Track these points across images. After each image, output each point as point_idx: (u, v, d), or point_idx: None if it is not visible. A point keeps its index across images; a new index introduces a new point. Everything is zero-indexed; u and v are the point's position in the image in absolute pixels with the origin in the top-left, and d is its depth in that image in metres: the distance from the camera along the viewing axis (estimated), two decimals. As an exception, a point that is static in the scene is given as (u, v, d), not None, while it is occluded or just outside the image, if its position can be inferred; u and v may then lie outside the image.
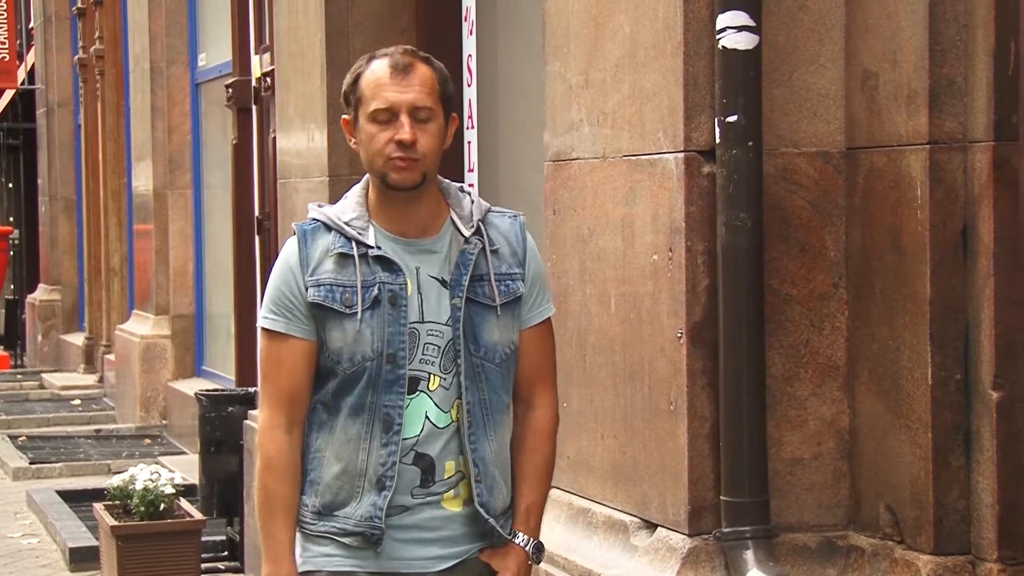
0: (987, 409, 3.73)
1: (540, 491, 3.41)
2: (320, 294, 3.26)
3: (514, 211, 3.41)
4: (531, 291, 3.36)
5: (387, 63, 3.26)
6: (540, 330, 3.39)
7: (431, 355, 3.27)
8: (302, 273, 3.28)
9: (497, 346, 3.31)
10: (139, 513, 7.35)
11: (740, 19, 3.95)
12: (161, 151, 12.16)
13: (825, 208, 4.08)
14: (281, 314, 3.29)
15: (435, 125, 3.26)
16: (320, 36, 6.68)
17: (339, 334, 3.25)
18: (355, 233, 3.28)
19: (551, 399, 3.42)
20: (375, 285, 3.25)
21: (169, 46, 12.08)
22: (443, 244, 3.30)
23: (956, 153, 3.77)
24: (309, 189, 6.90)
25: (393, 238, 3.29)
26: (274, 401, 3.31)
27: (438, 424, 3.28)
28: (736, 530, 3.99)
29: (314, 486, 3.31)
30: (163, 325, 12.23)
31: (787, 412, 4.09)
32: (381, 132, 3.24)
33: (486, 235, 3.32)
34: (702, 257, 4.04)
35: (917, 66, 3.80)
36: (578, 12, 4.58)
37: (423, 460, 3.28)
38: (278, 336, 3.30)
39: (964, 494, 3.79)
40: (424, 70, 3.27)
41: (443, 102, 3.28)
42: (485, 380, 3.30)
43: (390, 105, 3.23)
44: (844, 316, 4.08)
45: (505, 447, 3.35)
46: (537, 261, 3.40)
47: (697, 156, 4.05)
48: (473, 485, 3.29)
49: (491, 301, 3.30)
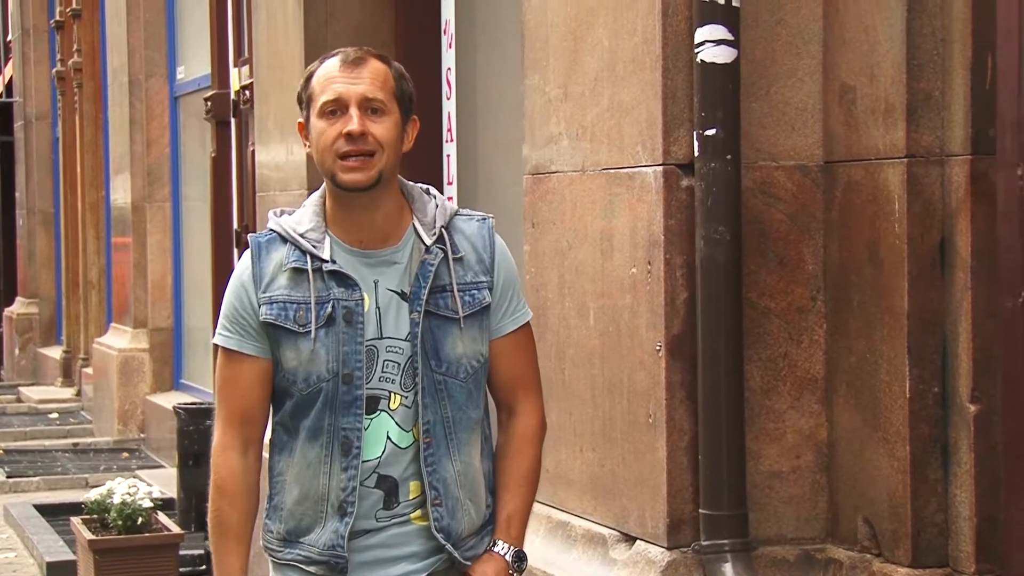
0: (965, 422, 3.74)
1: (522, 498, 3.24)
2: (272, 312, 3.11)
3: (483, 213, 3.24)
4: (503, 298, 3.19)
5: (338, 58, 3.12)
6: (516, 337, 3.22)
7: (391, 372, 3.11)
8: (255, 289, 3.13)
9: (461, 360, 3.13)
10: (117, 527, 7.33)
11: (718, 33, 3.96)
12: (139, 164, 12.14)
13: (803, 221, 4.09)
14: (235, 331, 3.15)
15: (390, 120, 3.08)
16: (299, 49, 6.68)
17: (293, 354, 3.10)
18: (309, 246, 3.11)
19: (534, 404, 3.27)
20: (329, 302, 3.09)
21: (148, 59, 12.07)
22: (404, 254, 3.13)
23: (933, 167, 3.79)
24: (288, 202, 6.89)
25: (350, 249, 3.12)
26: (227, 421, 3.17)
27: (400, 444, 3.13)
28: (715, 543, 3.99)
29: (278, 511, 3.20)
30: (141, 338, 12.20)
31: (765, 425, 4.09)
32: (330, 127, 3.08)
33: (449, 242, 3.14)
34: (681, 270, 4.04)
35: (895, 80, 3.81)
36: (557, 26, 4.59)
37: (386, 482, 3.13)
38: (231, 354, 3.16)
39: (942, 507, 3.80)
40: (377, 64, 3.10)
41: (399, 100, 3.11)
42: (448, 397, 3.13)
43: (338, 96, 3.07)
44: (822, 329, 4.09)
45: (473, 466, 3.18)
46: (507, 265, 3.21)
47: (676, 169, 4.05)
48: (430, 509, 3.13)
49: (454, 314, 3.12)
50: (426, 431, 3.12)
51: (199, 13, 10.64)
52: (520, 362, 3.24)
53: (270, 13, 7.11)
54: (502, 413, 3.27)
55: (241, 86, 8.99)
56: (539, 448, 3.28)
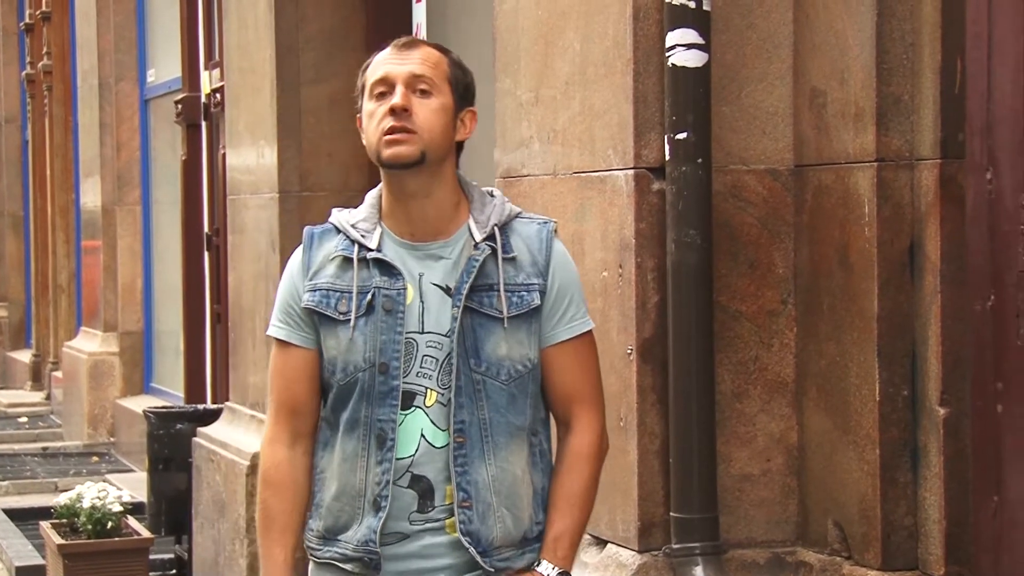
0: (934, 425, 3.75)
1: (572, 518, 3.09)
2: (314, 299, 3.07)
3: (546, 218, 3.16)
4: (557, 304, 3.07)
5: (392, 44, 3.07)
6: (573, 346, 3.09)
7: (428, 368, 3.04)
8: (303, 278, 3.10)
9: (503, 362, 3.03)
10: (86, 531, 7.30)
11: (689, 37, 3.96)
12: (109, 167, 12.11)
13: (774, 225, 4.10)
14: (284, 321, 3.12)
15: (437, 101, 3.01)
16: (270, 52, 6.67)
17: (334, 342, 3.05)
18: (358, 235, 3.06)
19: (592, 420, 3.12)
20: (371, 290, 3.03)
21: (118, 62, 12.03)
22: (454, 250, 3.05)
23: (903, 171, 3.80)
24: (259, 205, 6.88)
25: (400, 241, 3.06)
26: (276, 413, 3.13)
27: (435, 443, 3.04)
28: (685, 546, 3.99)
29: (318, 509, 3.12)
30: (111, 342, 12.16)
31: (736, 428, 4.10)
32: (379, 106, 3.01)
33: (501, 241, 3.05)
34: (652, 274, 4.05)
35: (864, 84, 3.83)
36: (528, 29, 4.59)
37: (420, 483, 3.04)
38: (281, 344, 3.13)
39: (911, 510, 3.81)
40: (430, 50, 3.06)
41: (453, 85, 3.05)
42: (486, 398, 3.03)
43: (386, 75, 3.01)
44: (792, 333, 4.10)
45: (512, 473, 3.05)
46: (565, 271, 3.11)
47: (647, 173, 4.06)
48: (457, 511, 3.02)
49: (498, 313, 3.02)
50: (459, 431, 3.03)
51: (169, 16, 10.62)
52: (576, 374, 3.11)
53: (241, 17, 7.10)
54: (560, 428, 3.15)
55: (212, 89, 8.98)
56: (595, 467, 3.13)
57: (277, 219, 6.65)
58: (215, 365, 9.36)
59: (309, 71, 6.69)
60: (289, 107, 6.66)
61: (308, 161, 6.68)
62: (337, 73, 6.70)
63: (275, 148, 6.65)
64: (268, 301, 6.67)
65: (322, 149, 6.72)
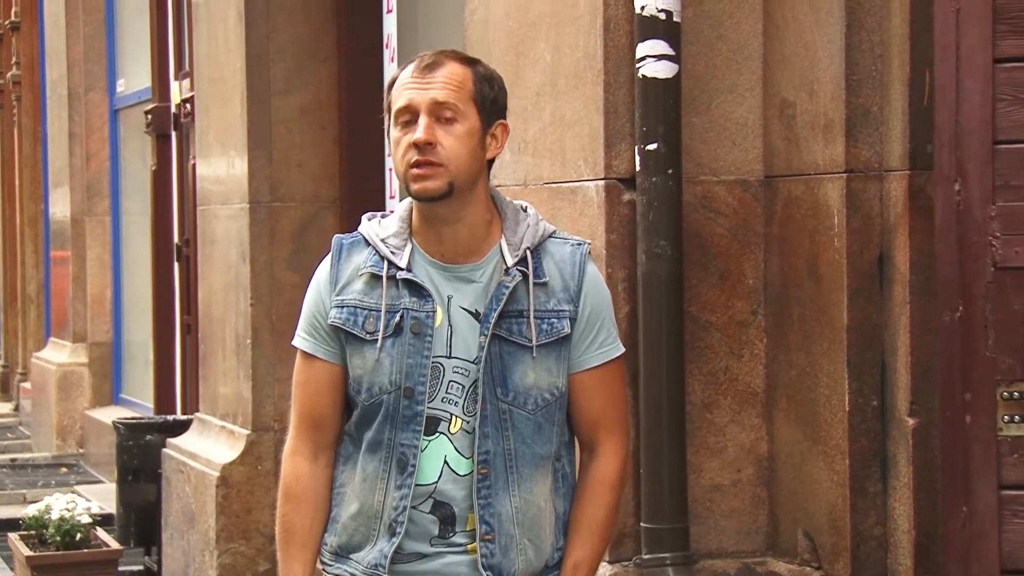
0: (903, 435, 3.77)
1: (592, 546, 3.04)
2: (341, 316, 2.98)
3: (580, 239, 3.07)
4: (588, 329, 3.00)
5: (415, 63, 2.95)
6: (602, 372, 3.02)
7: (455, 394, 2.95)
8: (330, 292, 3.01)
9: (531, 391, 2.96)
10: (55, 543, 7.27)
11: (659, 48, 3.98)
12: (79, 177, 12.06)
13: (744, 236, 4.11)
14: (310, 333, 3.03)
15: (463, 127, 2.91)
16: (240, 63, 6.66)
17: (359, 361, 2.97)
18: (388, 252, 2.97)
19: (616, 447, 3.05)
20: (399, 311, 2.95)
21: (87, 72, 11.99)
22: (484, 272, 2.97)
23: (872, 182, 3.82)
24: (229, 216, 6.87)
25: (431, 261, 2.97)
26: (298, 425, 3.05)
27: (458, 471, 2.96)
28: (656, 557, 4.00)
29: (334, 524, 3.05)
30: (80, 353, 12.11)
31: (707, 439, 4.11)
32: (403, 136, 2.92)
33: (533, 265, 2.97)
34: (623, 284, 4.06)
35: (834, 96, 3.84)
36: (499, 40, 4.60)
37: (442, 509, 2.97)
38: (306, 357, 3.04)
39: (881, 520, 3.82)
40: (454, 67, 2.93)
41: (479, 104, 2.94)
42: (512, 428, 2.96)
43: (409, 103, 2.91)
44: (763, 343, 4.11)
45: (536, 504, 2.99)
46: (597, 295, 3.02)
47: (617, 184, 4.07)
48: (479, 544, 2.95)
49: (527, 341, 2.94)
50: (483, 462, 2.95)
51: (139, 26, 10.59)
52: (604, 400, 3.04)
53: (211, 27, 7.09)
54: (583, 453, 3.08)
55: (182, 99, 8.96)
56: (618, 495, 3.08)
57: (247, 229, 6.64)
58: (185, 376, 9.33)
59: (279, 81, 6.68)
60: (259, 117, 6.64)
61: (278, 171, 6.66)
62: (308, 83, 6.69)
63: (245, 158, 6.63)
64: (238, 311, 6.65)
65: (292, 159, 6.70)
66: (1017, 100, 3.52)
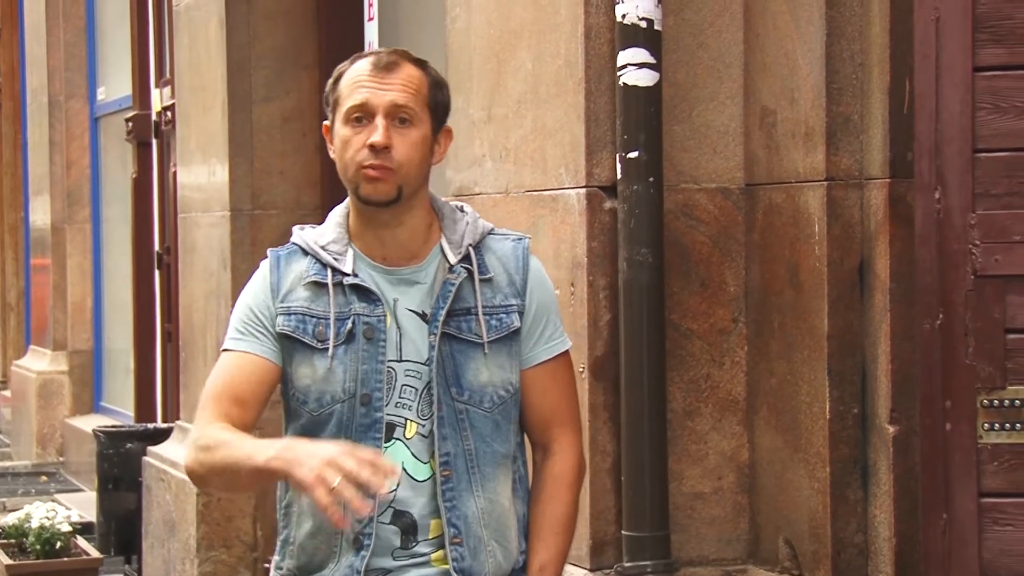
0: (884, 443, 3.77)
1: (556, 547, 2.99)
2: (290, 324, 2.90)
3: (520, 233, 3.05)
4: (535, 324, 2.97)
5: (370, 60, 2.91)
6: (551, 367, 2.99)
7: (408, 398, 2.90)
8: (272, 299, 2.92)
9: (486, 388, 2.92)
10: (35, 551, 7.24)
11: (640, 56, 3.98)
12: (59, 185, 12.03)
13: (725, 244, 4.12)
14: (247, 332, 2.92)
15: (417, 132, 2.88)
16: (222, 70, 6.65)
17: (307, 370, 2.89)
18: (331, 259, 2.91)
19: (572, 442, 3.02)
20: (350, 317, 2.89)
21: (67, 80, 11.96)
22: (428, 273, 2.93)
23: (853, 190, 3.82)
24: (210, 224, 6.86)
25: (373, 264, 2.93)
26: (214, 405, 2.87)
27: (416, 476, 2.91)
28: (637, 564, 4.00)
29: (287, 546, 2.95)
30: (60, 361, 12.07)
31: (688, 446, 4.11)
32: (355, 135, 2.86)
33: (475, 262, 2.94)
34: (604, 292, 4.06)
35: (814, 104, 3.85)
36: (480, 48, 4.60)
37: (403, 519, 2.90)
38: (236, 357, 2.91)
39: (861, 528, 3.83)
40: (411, 70, 2.90)
41: (432, 109, 2.91)
42: (470, 428, 2.91)
43: (365, 102, 2.86)
44: (744, 351, 4.12)
45: (500, 504, 2.94)
46: (542, 289, 3.00)
47: (599, 192, 4.07)
48: (448, 548, 2.89)
49: (477, 338, 2.91)
50: (444, 463, 2.90)
51: (120, 34, 10.58)
52: (555, 395, 3.01)
53: (192, 35, 7.08)
54: (537, 452, 3.03)
55: (163, 107, 8.94)
56: (576, 492, 3.03)
57: (228, 237, 6.63)
58: (165, 384, 9.31)
59: (261, 89, 6.68)
60: (241, 125, 6.64)
61: (260, 179, 6.66)
62: (289, 91, 6.69)
63: (226, 166, 6.62)
64: (219, 319, 6.64)
65: (274, 167, 6.70)
66: (997, 109, 3.53)
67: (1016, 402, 3.53)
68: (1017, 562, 3.53)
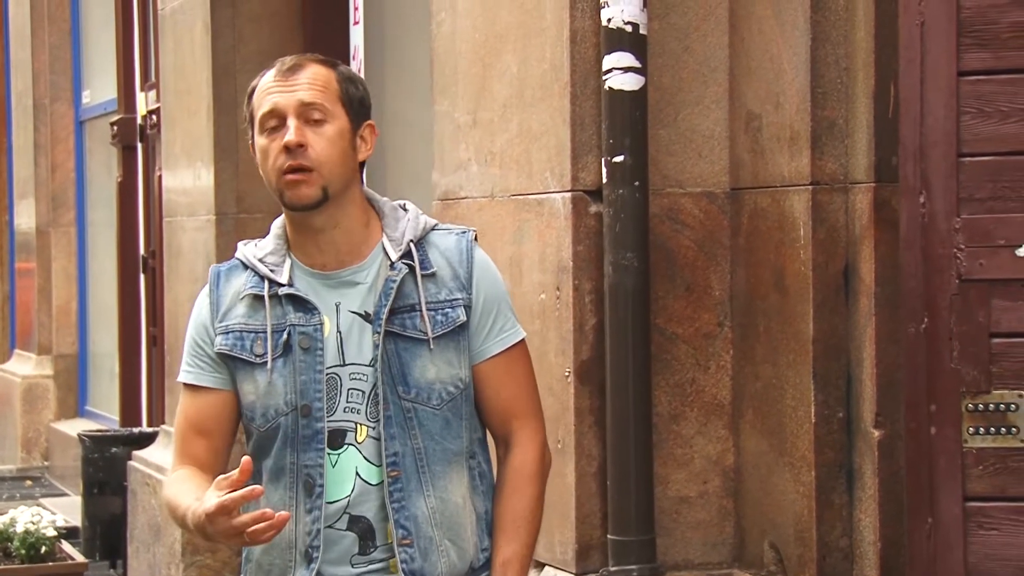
0: (869, 447, 3.78)
1: (519, 542, 2.92)
2: (228, 343, 2.89)
3: (464, 227, 2.97)
4: (484, 317, 2.90)
5: (275, 67, 2.88)
6: (505, 360, 2.92)
7: (356, 402, 2.85)
8: (212, 319, 2.91)
9: (434, 385, 2.86)
10: (20, 556, 7.23)
11: (626, 60, 3.98)
12: (44, 189, 12.02)
13: (710, 248, 4.12)
14: (194, 364, 2.93)
15: (332, 128, 2.83)
16: (207, 74, 6.65)
17: (251, 387, 2.88)
18: (267, 270, 2.88)
19: (533, 434, 2.95)
20: (286, 329, 2.85)
21: (52, 83, 11.95)
22: (369, 273, 2.88)
23: (838, 194, 3.83)
24: (195, 227, 6.85)
25: (312, 272, 2.89)
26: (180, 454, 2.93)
27: (370, 480, 2.86)
28: (623, 568, 4.00)
29: (247, 564, 2.95)
30: (45, 365, 12.05)
31: (673, 451, 4.11)
32: (271, 143, 2.83)
33: (419, 257, 2.87)
34: (589, 296, 4.06)
35: (799, 108, 3.86)
36: (466, 52, 4.60)
37: (359, 524, 2.86)
38: (191, 390, 2.93)
39: (847, 531, 3.83)
40: (317, 68, 2.86)
41: (346, 105, 2.86)
42: (419, 426, 2.86)
43: (274, 107, 2.83)
44: (729, 355, 4.12)
45: (452, 502, 2.89)
46: (490, 281, 2.92)
47: (584, 196, 4.07)
48: (398, 549, 2.85)
49: (422, 335, 2.85)
50: (392, 464, 2.85)
51: (105, 37, 10.57)
52: (511, 387, 2.94)
53: (177, 38, 7.07)
54: (499, 447, 2.97)
55: (148, 111, 8.93)
56: (540, 484, 2.96)
57: (214, 241, 6.63)
58: (151, 388, 9.30)
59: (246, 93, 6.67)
60: (226, 129, 6.63)
61: (245, 183, 6.65)
62: (274, 95, 6.68)
63: (212, 170, 6.62)
64: (204, 324, 6.63)
65: (258, 171, 6.69)
66: (981, 113, 3.54)
67: (1001, 406, 3.53)
68: (1002, 566, 3.53)
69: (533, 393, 3.00)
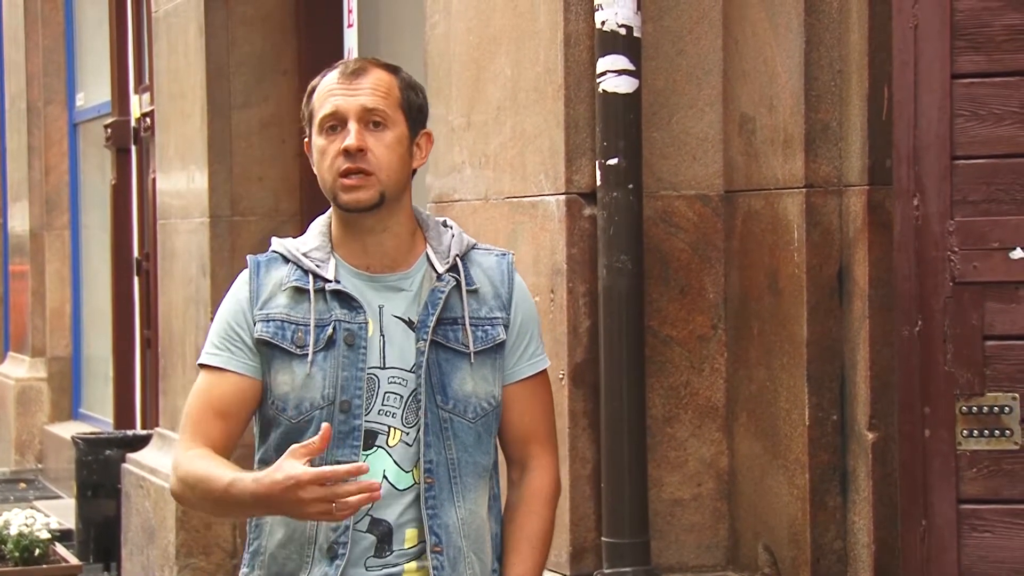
0: (863, 450, 3.78)
1: (532, 561, 2.95)
2: (269, 330, 2.86)
3: (503, 249, 3.03)
4: (519, 340, 2.95)
5: (339, 69, 2.89)
6: (531, 384, 2.97)
7: (392, 405, 2.87)
8: (251, 306, 2.88)
9: (470, 399, 2.89)
10: (13, 559, 7.22)
11: (620, 63, 3.99)
12: (38, 191, 12.01)
13: (704, 250, 4.12)
14: (224, 347, 2.89)
15: (392, 135, 2.85)
16: (201, 77, 6.65)
17: (287, 377, 2.86)
18: (312, 265, 2.88)
19: (548, 461, 3.00)
20: (330, 324, 2.86)
21: (46, 86, 11.95)
22: (414, 281, 2.91)
23: (831, 197, 3.83)
24: (189, 230, 6.85)
25: (356, 272, 2.90)
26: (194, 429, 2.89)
27: (397, 485, 2.87)
28: (617, 571, 4.00)
29: (257, 557, 2.92)
30: (39, 367, 12.05)
31: (667, 453, 4.11)
32: (330, 144, 2.84)
33: (463, 272, 2.92)
34: (583, 299, 4.06)
35: (793, 111, 3.86)
36: (460, 55, 4.60)
37: (379, 526, 2.86)
38: (213, 372, 2.88)
39: (841, 534, 3.84)
40: (380, 74, 2.88)
41: (406, 112, 2.89)
42: (454, 437, 2.88)
43: (336, 109, 2.84)
44: (723, 358, 4.12)
45: (479, 515, 2.92)
46: (526, 305, 2.98)
47: (578, 198, 4.07)
48: (430, 556, 2.85)
49: (464, 347, 2.89)
50: (428, 471, 2.86)
51: (99, 40, 10.56)
52: (535, 413, 2.99)
53: (171, 41, 7.07)
54: (513, 470, 3.01)
55: (142, 113, 8.93)
56: (553, 509, 3.01)
57: (208, 244, 6.62)
58: (145, 391, 9.29)
59: (240, 95, 6.67)
60: (220, 131, 6.63)
61: (239, 185, 6.65)
62: (268, 97, 6.69)
63: (206, 172, 6.62)
64: (199, 326, 6.63)
65: (253, 173, 6.69)
66: (975, 116, 3.54)
67: (995, 408, 3.54)
68: (995, 568, 3.54)
69: (552, 421, 3.05)
